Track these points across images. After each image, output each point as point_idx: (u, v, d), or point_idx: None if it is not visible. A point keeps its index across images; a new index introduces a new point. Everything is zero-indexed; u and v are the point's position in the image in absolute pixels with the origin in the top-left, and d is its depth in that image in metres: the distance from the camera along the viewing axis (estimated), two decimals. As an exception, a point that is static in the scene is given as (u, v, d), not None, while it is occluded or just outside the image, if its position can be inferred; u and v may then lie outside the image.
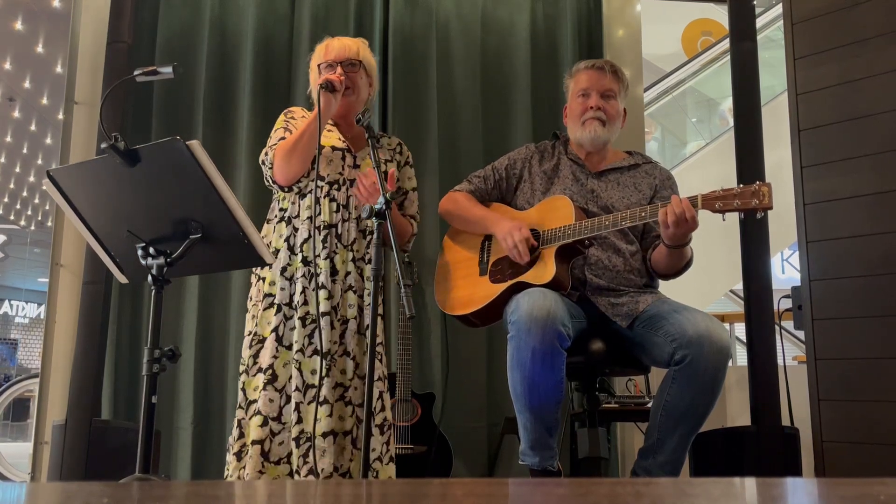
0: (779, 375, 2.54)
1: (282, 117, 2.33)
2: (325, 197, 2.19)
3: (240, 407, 2.14)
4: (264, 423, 2.07)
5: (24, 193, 11.35)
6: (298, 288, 2.14)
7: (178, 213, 1.67)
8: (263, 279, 2.21)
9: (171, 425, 2.87)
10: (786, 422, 2.54)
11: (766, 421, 2.49)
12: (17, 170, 10.32)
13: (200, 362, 2.90)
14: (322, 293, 2.11)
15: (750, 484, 1.07)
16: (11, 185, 10.97)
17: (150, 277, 1.69)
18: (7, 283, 17.29)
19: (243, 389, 2.15)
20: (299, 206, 2.22)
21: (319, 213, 2.18)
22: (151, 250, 1.69)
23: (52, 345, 2.85)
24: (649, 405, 2.46)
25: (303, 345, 2.11)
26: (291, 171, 2.16)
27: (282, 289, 2.16)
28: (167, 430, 2.84)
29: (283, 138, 2.22)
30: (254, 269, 2.26)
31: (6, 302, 17.30)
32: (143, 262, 1.70)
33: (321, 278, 2.13)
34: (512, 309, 2.04)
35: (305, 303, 2.13)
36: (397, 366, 2.83)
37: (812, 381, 2.38)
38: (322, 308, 2.11)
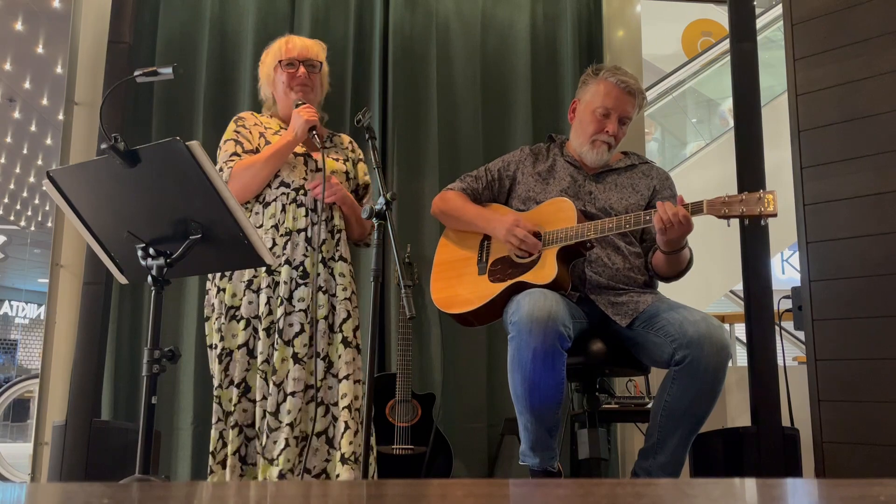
0: (779, 376, 2.54)
1: (231, 126, 2.30)
2: (291, 203, 2.20)
3: (219, 420, 2.14)
4: (240, 433, 2.11)
5: (24, 194, 11.35)
6: (263, 299, 2.15)
7: (178, 213, 1.67)
8: (223, 290, 2.19)
9: (171, 426, 2.87)
10: (786, 422, 2.53)
11: (766, 421, 2.48)
12: (17, 170, 10.32)
13: (200, 363, 2.90)
14: (280, 305, 2.13)
15: (750, 485, 1.06)
16: (11, 186, 10.97)
17: (150, 278, 1.69)
18: (7, 283, 17.29)
19: (219, 402, 2.15)
20: (262, 215, 2.21)
21: (284, 223, 2.19)
22: (151, 251, 1.69)
23: (52, 345, 2.85)
24: (649, 406, 2.46)
25: (268, 355, 2.12)
26: (246, 196, 2.20)
27: (249, 302, 2.16)
28: (167, 431, 2.84)
29: (235, 153, 2.21)
30: (210, 277, 2.26)
31: (6, 302, 17.30)
32: (143, 262, 1.70)
33: (280, 290, 2.14)
34: (513, 309, 2.04)
35: (270, 313, 2.14)
36: (397, 366, 2.82)
37: (812, 381, 2.38)
38: (278, 315, 2.13)
